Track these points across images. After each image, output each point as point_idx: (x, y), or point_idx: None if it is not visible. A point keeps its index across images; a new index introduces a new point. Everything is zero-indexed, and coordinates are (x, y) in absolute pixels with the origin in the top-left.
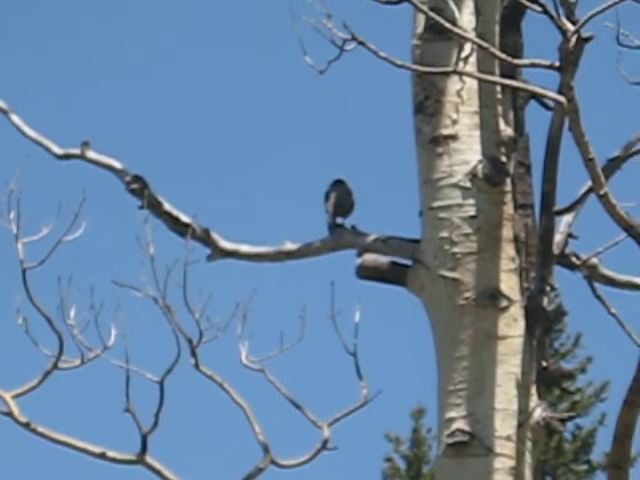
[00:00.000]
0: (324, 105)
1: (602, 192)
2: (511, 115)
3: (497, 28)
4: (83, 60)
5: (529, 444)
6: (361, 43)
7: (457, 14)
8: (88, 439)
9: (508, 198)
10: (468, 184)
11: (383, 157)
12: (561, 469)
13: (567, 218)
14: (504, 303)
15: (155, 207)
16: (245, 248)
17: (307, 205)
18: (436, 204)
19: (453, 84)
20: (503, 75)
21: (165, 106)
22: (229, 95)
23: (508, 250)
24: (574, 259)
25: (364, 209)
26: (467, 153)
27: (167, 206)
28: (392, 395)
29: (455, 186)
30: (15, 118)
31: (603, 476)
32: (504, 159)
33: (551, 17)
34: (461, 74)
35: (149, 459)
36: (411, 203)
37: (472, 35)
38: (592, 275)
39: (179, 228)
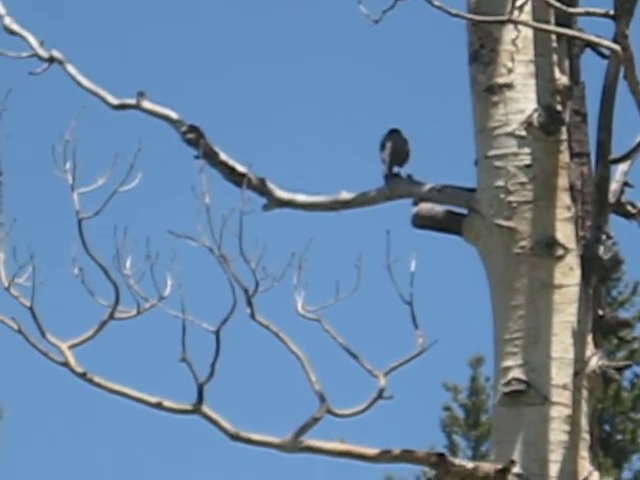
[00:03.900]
0: (379, 55)
1: None
2: (566, 63)
3: None
4: (139, 8)
5: (585, 393)
6: None
7: None
8: (144, 389)
9: (564, 147)
10: (524, 133)
11: (438, 106)
12: (619, 417)
13: (623, 166)
14: (560, 252)
15: (211, 157)
16: (301, 198)
17: (363, 154)
18: (492, 153)
19: (508, 33)
20: (558, 23)
21: (222, 55)
22: (284, 44)
23: (564, 199)
24: (630, 207)
25: (420, 158)
26: (522, 102)
27: (223, 156)
28: (450, 344)
29: (511, 135)
30: (70, 68)
31: None
32: (559, 108)
33: None
34: (516, 23)
35: (205, 409)
36: (467, 152)
37: None
38: None
39: (235, 178)
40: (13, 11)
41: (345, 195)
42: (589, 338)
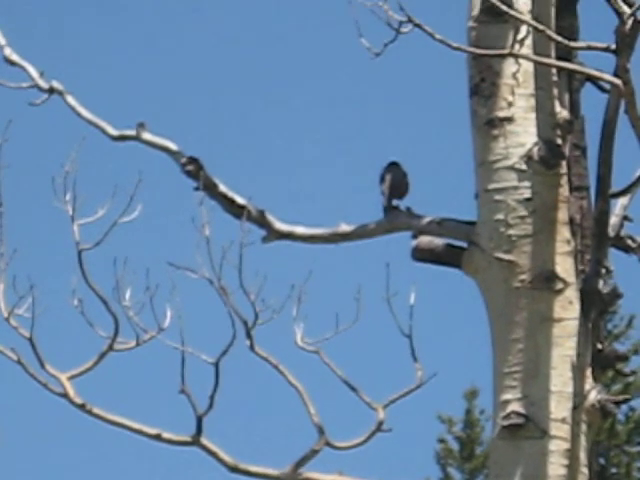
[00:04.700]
0: (379, 87)
1: None
2: (567, 97)
3: (553, 10)
4: (138, 40)
5: (584, 427)
6: (417, 25)
7: None
8: (143, 420)
9: (564, 180)
10: (524, 166)
11: (439, 139)
12: (614, 451)
13: (623, 201)
14: (559, 285)
15: (210, 189)
16: (300, 230)
17: (362, 187)
18: (492, 186)
19: (509, 66)
20: (558, 57)
21: (221, 87)
22: (285, 77)
23: (563, 232)
24: (629, 242)
25: (419, 191)
26: (523, 135)
27: (222, 188)
28: (445, 376)
29: (511, 168)
30: (70, 99)
31: None
32: (560, 141)
33: None
34: (517, 56)
35: (204, 440)
36: (466, 185)
37: (528, 17)
38: None
39: (234, 210)
40: (13, 42)
41: (344, 227)
42: (588, 372)
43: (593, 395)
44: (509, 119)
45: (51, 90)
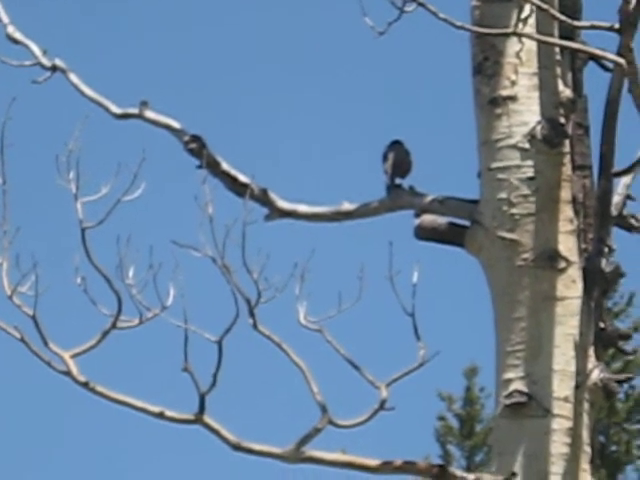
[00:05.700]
0: (383, 66)
1: None
2: (570, 76)
3: None
4: (142, 17)
5: (586, 405)
6: (421, 4)
7: None
8: (146, 399)
9: (567, 159)
10: (527, 145)
11: (441, 118)
12: (614, 428)
13: (625, 180)
14: (562, 264)
15: (213, 167)
16: (303, 208)
17: (365, 165)
18: (495, 165)
19: (512, 45)
20: (562, 36)
21: (225, 65)
22: (288, 54)
23: (566, 211)
24: (632, 221)
25: (422, 170)
26: (526, 114)
27: (225, 166)
28: (446, 354)
29: (514, 147)
30: (73, 77)
31: None
32: (563, 120)
33: None
34: (520, 35)
35: (207, 419)
36: (469, 164)
37: None
38: None
39: (237, 188)
40: (16, 20)
41: (347, 206)
42: (591, 351)
43: (596, 374)
44: (512, 98)
45: (54, 68)
